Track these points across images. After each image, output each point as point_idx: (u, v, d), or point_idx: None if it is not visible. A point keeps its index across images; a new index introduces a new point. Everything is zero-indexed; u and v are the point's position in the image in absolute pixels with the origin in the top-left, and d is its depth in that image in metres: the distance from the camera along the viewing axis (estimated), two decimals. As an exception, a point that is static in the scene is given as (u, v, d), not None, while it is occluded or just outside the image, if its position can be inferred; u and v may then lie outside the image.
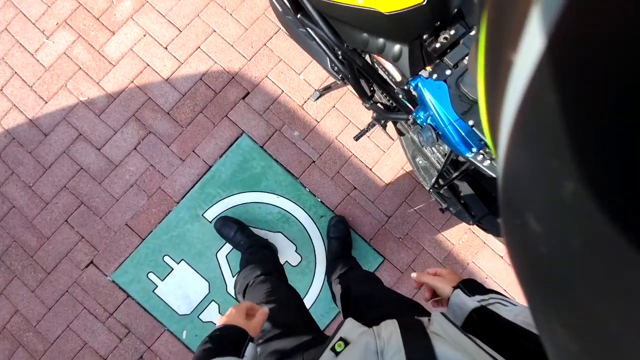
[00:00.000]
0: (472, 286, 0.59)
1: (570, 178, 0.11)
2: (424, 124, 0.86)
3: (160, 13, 1.55)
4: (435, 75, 0.78)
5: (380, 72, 0.95)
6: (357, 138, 1.33)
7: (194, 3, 1.56)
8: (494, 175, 0.77)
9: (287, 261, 1.48)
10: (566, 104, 0.11)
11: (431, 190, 1.11)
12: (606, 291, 0.11)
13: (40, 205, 1.47)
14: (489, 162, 0.77)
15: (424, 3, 0.66)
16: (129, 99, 1.52)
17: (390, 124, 1.25)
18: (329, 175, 1.51)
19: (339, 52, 0.89)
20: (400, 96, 0.92)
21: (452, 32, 0.76)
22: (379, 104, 1.11)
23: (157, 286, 1.47)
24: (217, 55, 1.54)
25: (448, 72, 0.77)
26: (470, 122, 0.75)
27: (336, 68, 0.97)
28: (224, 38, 1.55)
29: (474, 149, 0.77)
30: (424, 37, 0.76)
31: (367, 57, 0.94)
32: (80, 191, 1.49)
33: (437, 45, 0.76)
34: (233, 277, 1.47)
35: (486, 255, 1.52)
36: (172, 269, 1.47)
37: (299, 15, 0.91)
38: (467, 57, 0.76)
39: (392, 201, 1.52)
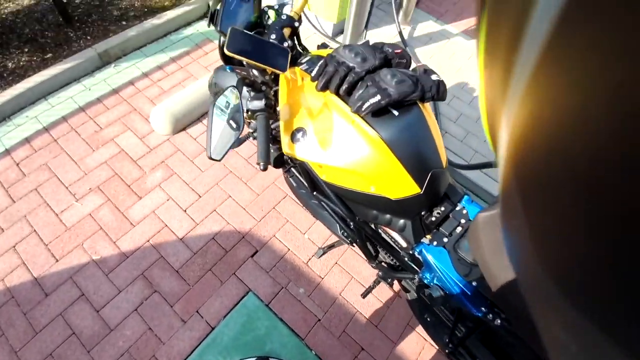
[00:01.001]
0: None
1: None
2: (431, 284, 0.95)
3: (184, 182, 1.81)
4: (435, 242, 0.92)
5: (386, 237, 1.10)
6: (364, 295, 1.38)
7: (214, 174, 1.85)
8: (505, 334, 0.81)
9: None
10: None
11: (447, 350, 1.10)
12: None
13: (15, 378, 1.31)
14: (499, 320, 0.83)
15: (422, 192, 0.86)
16: (141, 258, 1.58)
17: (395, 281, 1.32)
18: (335, 334, 1.47)
19: (351, 223, 1.06)
20: (406, 259, 1.04)
21: (443, 208, 0.95)
22: (383, 263, 1.22)
23: None
24: (230, 217, 1.72)
25: (445, 239, 0.92)
26: (474, 284, 0.85)
27: (345, 234, 1.12)
28: (238, 202, 1.77)
29: (484, 309, 0.84)
30: (422, 213, 0.94)
31: (372, 225, 1.11)
32: (65, 360, 1.36)
33: (433, 219, 0.93)
34: None
35: None
36: None
37: (314, 193, 1.12)
38: (458, 228, 0.93)
39: (402, 364, 1.43)
